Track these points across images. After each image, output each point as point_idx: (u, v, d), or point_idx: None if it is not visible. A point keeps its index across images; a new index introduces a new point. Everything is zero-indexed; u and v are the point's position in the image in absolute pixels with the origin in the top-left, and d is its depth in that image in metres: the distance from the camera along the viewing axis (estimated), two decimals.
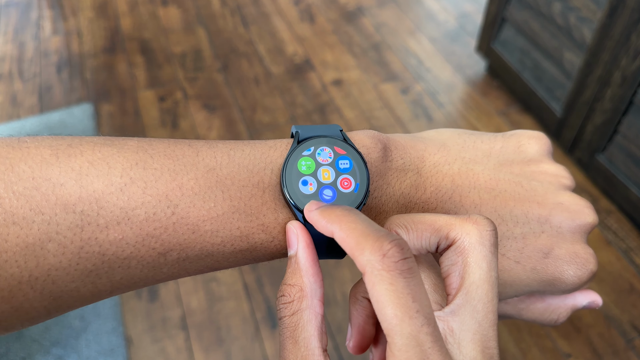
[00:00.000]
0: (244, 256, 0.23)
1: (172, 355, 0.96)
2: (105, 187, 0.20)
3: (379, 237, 0.18)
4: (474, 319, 0.19)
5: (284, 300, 0.21)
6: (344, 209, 0.20)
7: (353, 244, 0.19)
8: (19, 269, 0.19)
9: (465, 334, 0.19)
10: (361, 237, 0.19)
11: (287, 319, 0.20)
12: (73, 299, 0.21)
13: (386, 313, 0.17)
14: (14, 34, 1.73)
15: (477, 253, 0.20)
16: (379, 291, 0.18)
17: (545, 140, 0.28)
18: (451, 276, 0.20)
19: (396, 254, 0.18)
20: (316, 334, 0.20)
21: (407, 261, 0.18)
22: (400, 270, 0.18)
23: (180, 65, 1.57)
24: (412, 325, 0.17)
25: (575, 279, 0.25)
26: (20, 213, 0.19)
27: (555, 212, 0.25)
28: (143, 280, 0.22)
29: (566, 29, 1.15)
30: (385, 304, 0.17)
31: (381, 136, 0.25)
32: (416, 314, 0.17)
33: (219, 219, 0.21)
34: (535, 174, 0.27)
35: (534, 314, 0.27)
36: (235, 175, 0.22)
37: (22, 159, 0.20)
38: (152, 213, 0.20)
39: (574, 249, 0.25)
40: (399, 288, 0.17)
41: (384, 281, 0.18)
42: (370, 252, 0.18)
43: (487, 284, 0.19)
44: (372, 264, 0.18)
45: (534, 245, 0.25)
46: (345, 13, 1.77)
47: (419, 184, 0.25)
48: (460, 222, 0.20)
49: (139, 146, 0.22)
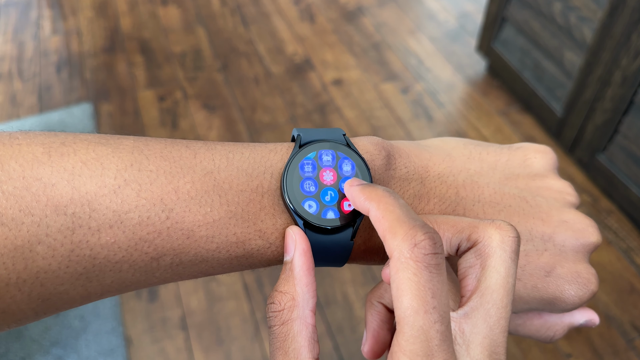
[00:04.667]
0: (239, 262, 0.22)
1: (171, 355, 0.96)
2: (98, 189, 0.20)
3: (414, 226, 0.18)
4: (486, 323, 0.19)
5: (274, 309, 0.20)
6: (386, 190, 0.20)
7: (387, 226, 0.19)
8: (6, 271, 0.18)
9: (475, 337, 0.18)
10: (396, 222, 0.19)
11: (277, 329, 0.20)
12: (62, 301, 0.20)
13: (402, 302, 0.17)
14: (14, 33, 1.73)
15: (497, 257, 0.20)
16: (400, 278, 0.18)
17: (552, 155, 0.28)
18: (468, 278, 0.20)
19: (427, 246, 0.18)
20: (307, 345, 0.20)
21: (437, 256, 0.18)
22: (428, 264, 0.17)
23: (180, 65, 1.57)
24: (425, 320, 0.17)
25: (575, 299, 0.25)
26: (9, 214, 0.18)
27: (559, 230, 0.25)
28: (135, 284, 0.21)
29: (567, 28, 1.15)
30: (404, 292, 0.17)
31: (385, 143, 0.25)
32: (432, 310, 0.17)
33: (215, 225, 0.21)
34: (540, 189, 0.26)
35: (531, 330, 0.27)
36: (234, 179, 0.22)
37: (12, 157, 0.19)
38: (145, 217, 0.20)
39: (576, 269, 0.25)
40: (422, 280, 0.17)
41: (408, 270, 0.17)
42: (403, 238, 0.18)
43: (503, 290, 0.19)
44: (400, 250, 0.18)
45: (536, 263, 0.24)
46: (346, 13, 1.77)
47: (423, 194, 0.24)
48: (484, 226, 0.20)
49: (135, 146, 0.21)
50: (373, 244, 0.24)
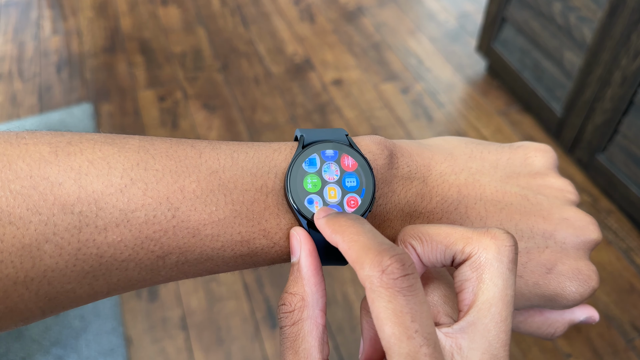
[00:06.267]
0: (244, 261, 0.22)
1: (172, 355, 0.96)
2: (105, 188, 0.20)
3: (380, 252, 0.18)
4: (485, 338, 0.18)
5: (285, 310, 0.20)
6: (350, 219, 0.20)
7: (354, 257, 0.18)
8: (14, 270, 0.18)
9: (474, 353, 0.18)
10: (362, 251, 0.18)
11: (287, 329, 0.20)
12: (69, 299, 0.20)
13: (385, 331, 0.17)
14: (14, 33, 1.73)
15: (494, 270, 0.19)
16: (377, 308, 0.17)
17: (552, 154, 0.28)
18: (464, 292, 0.19)
19: (395, 270, 0.17)
20: (317, 345, 0.20)
21: (408, 278, 0.17)
22: (400, 288, 0.17)
23: (180, 65, 1.57)
24: (410, 346, 0.17)
25: (576, 296, 0.25)
26: (17, 212, 0.18)
27: (560, 227, 0.25)
28: (141, 282, 0.21)
29: (566, 28, 1.15)
30: (384, 321, 0.17)
31: (387, 142, 0.25)
32: (415, 334, 0.17)
33: (220, 223, 0.21)
34: (541, 187, 0.27)
35: (532, 327, 0.27)
36: (238, 179, 0.22)
37: (20, 156, 0.19)
38: (152, 216, 0.20)
39: (577, 266, 0.25)
40: (398, 306, 0.17)
41: (382, 298, 0.17)
42: (370, 267, 0.17)
43: (502, 303, 0.19)
44: (371, 280, 0.17)
45: (538, 260, 0.25)
46: (346, 13, 1.77)
47: (425, 193, 0.25)
48: (478, 236, 0.20)
49: (141, 145, 0.21)
50: None
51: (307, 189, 0.22)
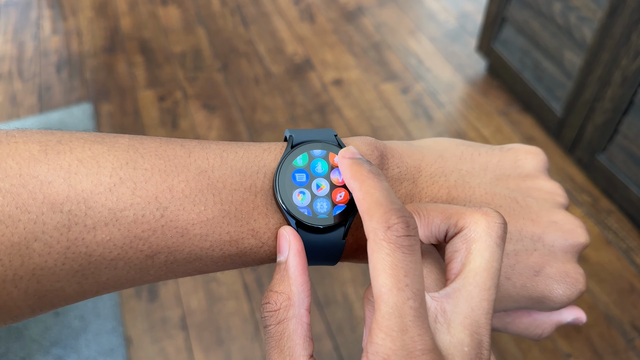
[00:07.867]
0: (232, 261, 0.22)
1: (171, 355, 0.96)
2: (94, 187, 0.20)
3: (390, 210, 0.19)
4: (468, 304, 0.19)
5: (270, 308, 0.21)
6: (371, 171, 0.21)
7: (365, 208, 0.19)
8: (3, 268, 0.18)
9: (457, 317, 0.19)
10: (374, 204, 0.19)
11: (272, 328, 0.20)
12: (58, 298, 0.20)
13: (378, 281, 0.18)
14: (14, 33, 1.73)
15: (482, 242, 0.20)
16: (375, 259, 0.18)
17: (542, 156, 0.28)
18: (453, 262, 0.21)
19: (400, 229, 0.18)
20: (302, 343, 0.20)
21: (410, 238, 0.18)
22: (400, 245, 0.18)
23: (180, 65, 1.57)
24: (398, 297, 0.18)
25: (564, 298, 0.25)
26: (6, 211, 0.18)
27: (548, 230, 0.25)
28: (130, 281, 0.21)
29: (566, 28, 1.15)
30: (379, 272, 0.18)
31: (378, 143, 0.25)
32: (405, 287, 0.18)
33: (209, 223, 0.21)
34: (530, 190, 0.27)
35: (519, 328, 0.28)
36: (227, 179, 0.22)
37: (9, 155, 0.19)
38: (140, 215, 0.20)
39: (564, 269, 0.25)
40: (395, 260, 0.18)
41: (382, 251, 0.18)
42: (377, 221, 0.19)
43: (486, 273, 0.20)
44: (375, 232, 0.19)
45: (526, 262, 0.25)
46: (345, 13, 1.77)
47: (415, 194, 0.25)
48: (471, 212, 0.21)
49: (130, 144, 0.21)
50: (364, 243, 0.24)
51: (295, 183, 0.22)
